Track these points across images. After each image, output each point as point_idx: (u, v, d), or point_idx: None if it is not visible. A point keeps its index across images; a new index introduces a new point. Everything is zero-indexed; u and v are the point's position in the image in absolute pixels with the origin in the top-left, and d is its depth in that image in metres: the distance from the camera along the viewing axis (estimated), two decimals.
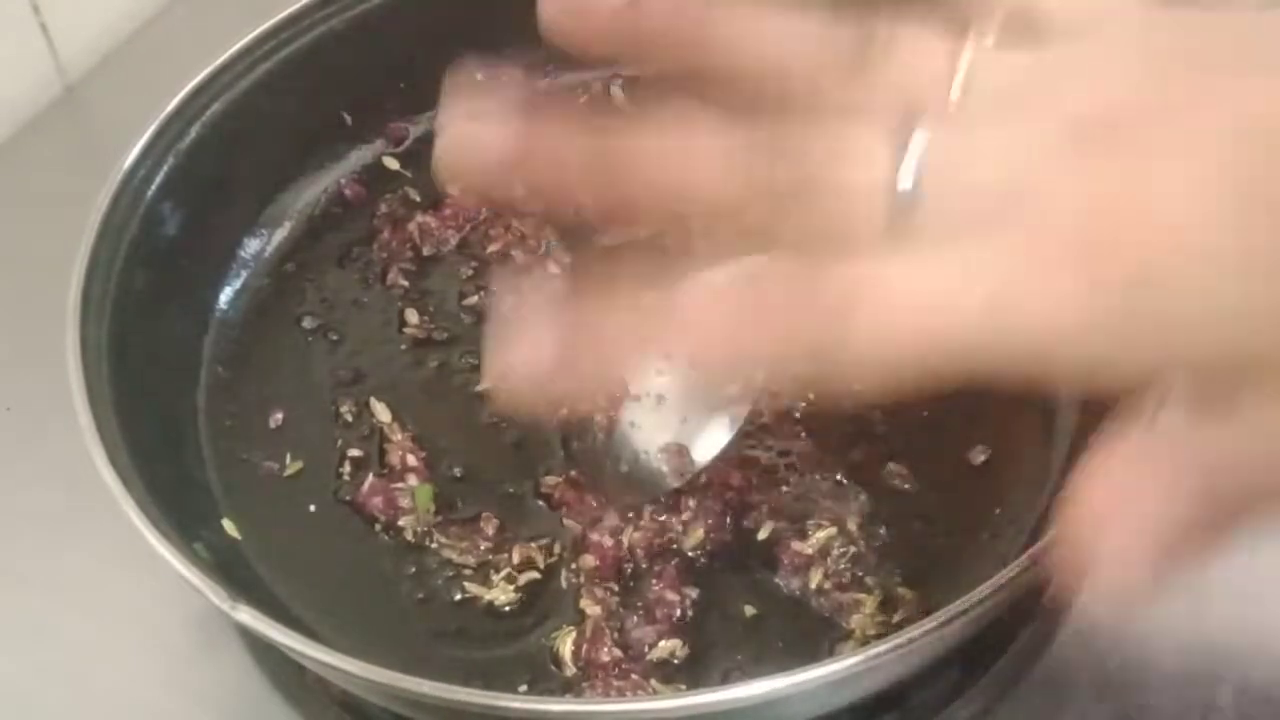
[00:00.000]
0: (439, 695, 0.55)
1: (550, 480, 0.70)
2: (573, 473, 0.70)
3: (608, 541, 0.67)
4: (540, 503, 0.70)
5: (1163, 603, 0.68)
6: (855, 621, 0.65)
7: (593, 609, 0.65)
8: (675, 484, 0.68)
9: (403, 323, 0.77)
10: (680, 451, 0.68)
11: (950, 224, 0.38)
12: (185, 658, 0.70)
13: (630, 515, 0.68)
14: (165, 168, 0.73)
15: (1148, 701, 0.66)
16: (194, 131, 0.74)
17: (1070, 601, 0.67)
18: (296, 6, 0.78)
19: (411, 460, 0.71)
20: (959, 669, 0.66)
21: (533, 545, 0.68)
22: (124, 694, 0.69)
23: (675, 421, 0.68)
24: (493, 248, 0.79)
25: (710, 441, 0.68)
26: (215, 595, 0.58)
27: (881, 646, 0.54)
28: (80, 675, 0.69)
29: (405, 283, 0.79)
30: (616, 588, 0.66)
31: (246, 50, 0.76)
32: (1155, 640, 0.67)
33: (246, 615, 0.57)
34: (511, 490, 0.71)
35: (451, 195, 0.82)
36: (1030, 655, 0.67)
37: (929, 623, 0.54)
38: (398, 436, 0.72)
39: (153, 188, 0.72)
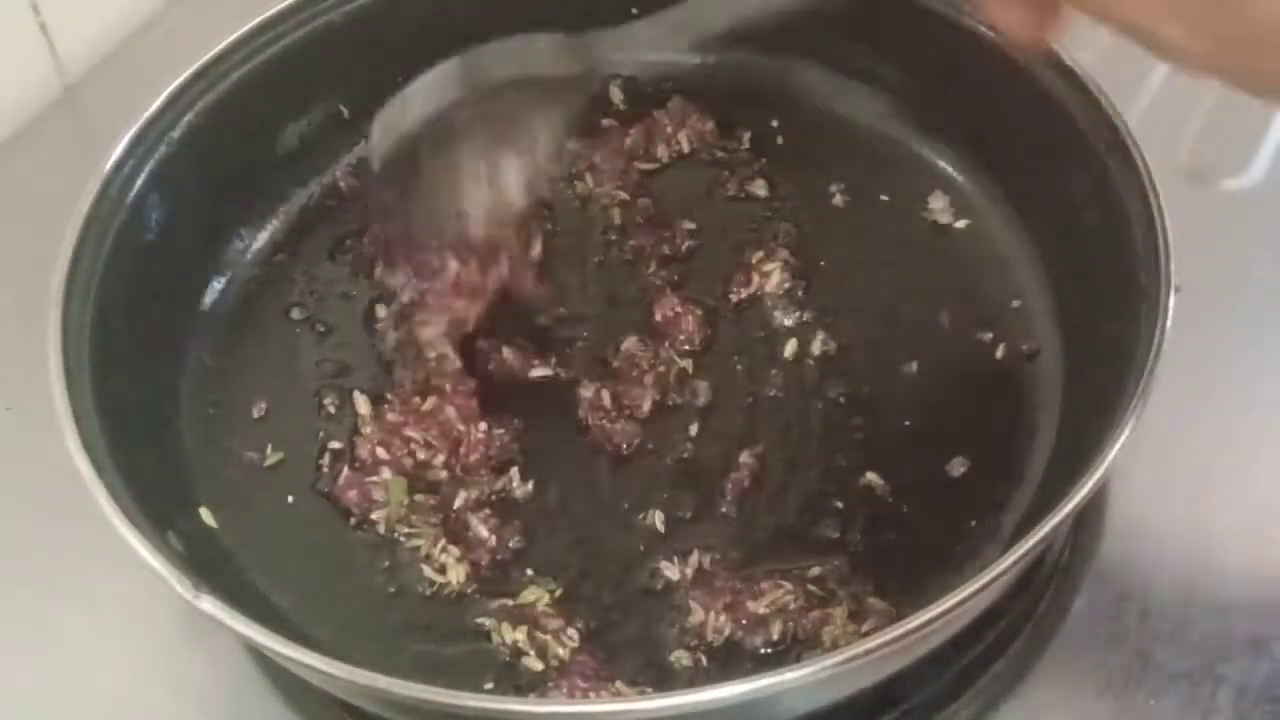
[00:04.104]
0: (397, 691, 0.55)
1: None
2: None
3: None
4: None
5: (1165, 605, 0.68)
6: (826, 633, 0.65)
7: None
8: None
9: None
10: None
11: None
12: (185, 657, 0.70)
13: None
14: (155, 158, 0.73)
15: (1148, 702, 0.66)
16: (185, 123, 0.74)
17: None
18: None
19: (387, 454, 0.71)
20: (960, 668, 0.66)
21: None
22: (122, 693, 0.69)
23: None
24: None
25: None
26: (179, 584, 0.58)
27: (823, 662, 0.54)
28: (78, 674, 0.70)
29: None
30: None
31: (242, 42, 0.77)
32: (1155, 640, 0.67)
33: (209, 605, 0.58)
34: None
35: None
36: (1030, 655, 0.67)
37: (881, 637, 0.54)
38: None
39: (142, 177, 0.72)
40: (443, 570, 0.68)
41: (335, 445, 0.72)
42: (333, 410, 0.74)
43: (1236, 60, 0.51)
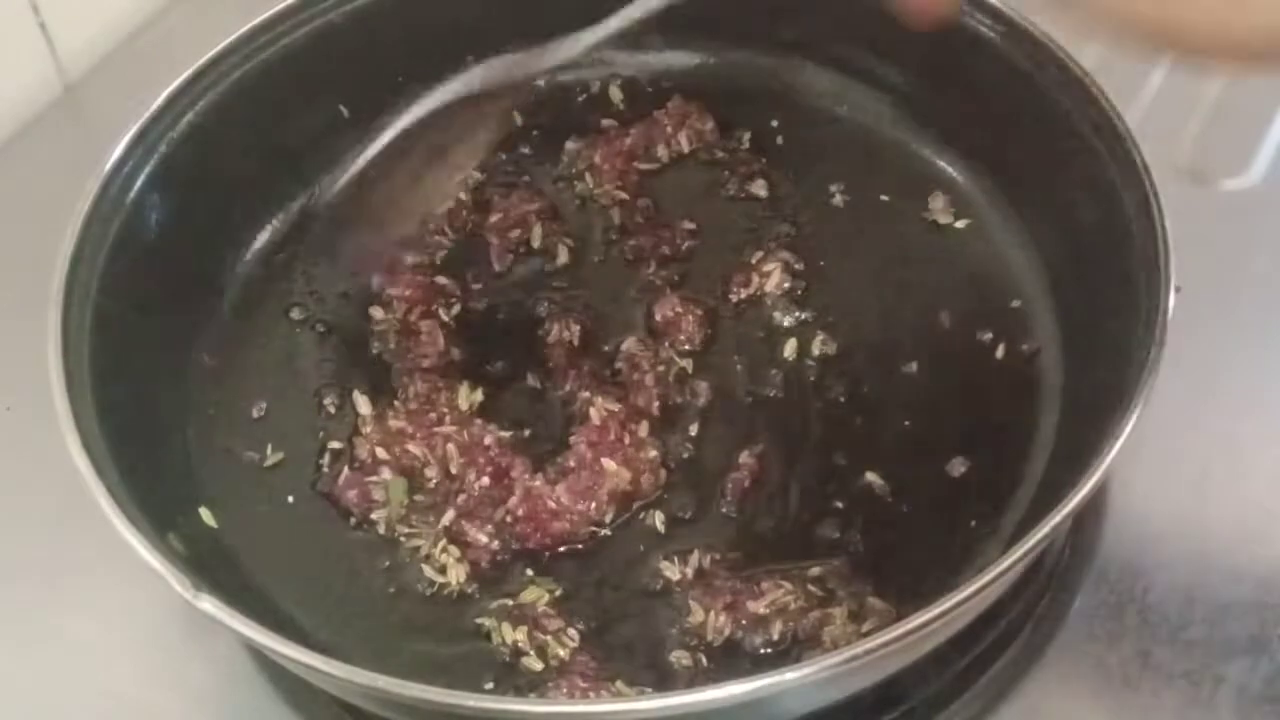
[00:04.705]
0: (397, 691, 0.55)
1: None
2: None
3: None
4: None
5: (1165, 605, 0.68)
6: (826, 633, 0.65)
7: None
8: None
9: None
10: None
11: None
12: (184, 657, 0.70)
13: None
14: (155, 158, 0.73)
15: (1148, 702, 0.66)
16: (185, 123, 0.75)
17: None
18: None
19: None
20: (960, 668, 0.66)
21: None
22: (122, 693, 0.69)
23: None
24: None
25: None
26: (179, 584, 0.58)
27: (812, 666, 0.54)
28: (79, 673, 0.70)
29: None
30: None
31: (242, 42, 0.77)
32: (1155, 640, 0.67)
33: (209, 605, 0.58)
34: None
35: None
36: (1030, 655, 0.67)
37: (881, 637, 0.54)
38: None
39: (142, 177, 0.72)
40: (443, 570, 0.68)
41: (335, 445, 0.72)
42: (333, 410, 0.74)
43: None
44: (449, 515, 0.69)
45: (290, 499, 0.71)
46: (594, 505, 0.69)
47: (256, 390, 0.75)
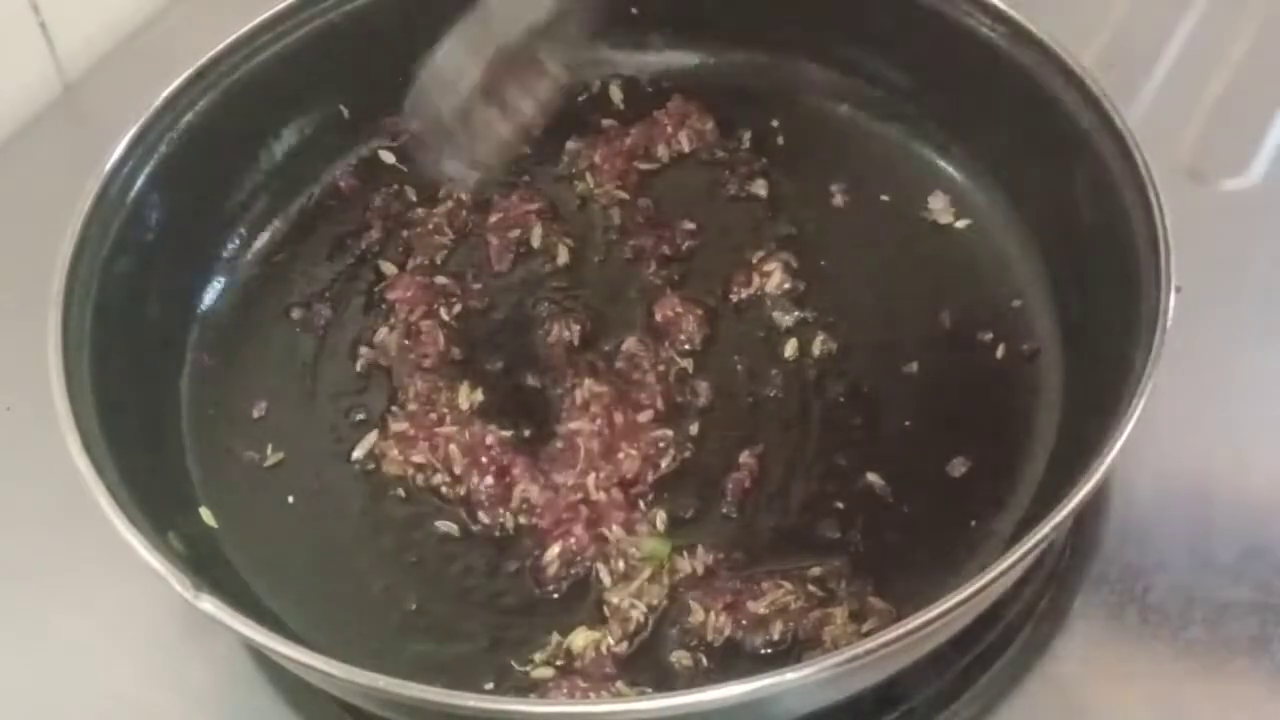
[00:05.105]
0: (397, 691, 0.55)
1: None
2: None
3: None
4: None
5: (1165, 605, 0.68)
6: (827, 633, 0.65)
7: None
8: None
9: None
10: None
11: None
12: (184, 657, 0.70)
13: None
14: (155, 158, 0.73)
15: (1148, 702, 0.66)
16: (185, 123, 0.75)
17: None
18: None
19: None
20: (960, 668, 0.66)
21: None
22: (122, 693, 0.69)
23: None
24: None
25: None
26: (179, 583, 0.58)
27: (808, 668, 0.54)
28: (79, 673, 0.70)
29: None
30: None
31: (242, 42, 0.77)
32: (1155, 640, 0.67)
33: (209, 605, 0.58)
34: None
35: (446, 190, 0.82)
36: (1030, 655, 0.67)
37: (881, 637, 0.54)
38: None
39: (142, 178, 0.73)
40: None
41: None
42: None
43: None
44: (451, 515, 0.69)
45: (290, 499, 0.71)
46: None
47: (256, 390, 0.75)
